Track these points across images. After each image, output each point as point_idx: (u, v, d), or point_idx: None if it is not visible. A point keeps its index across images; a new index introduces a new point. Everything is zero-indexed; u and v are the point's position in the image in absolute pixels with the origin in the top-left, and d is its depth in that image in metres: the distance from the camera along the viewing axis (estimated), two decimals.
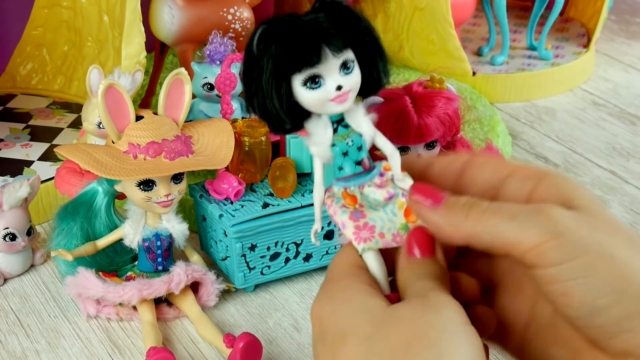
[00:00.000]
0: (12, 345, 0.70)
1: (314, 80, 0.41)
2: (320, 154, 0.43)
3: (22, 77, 1.03)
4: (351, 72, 0.42)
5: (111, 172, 0.65)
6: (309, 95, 0.41)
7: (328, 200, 0.44)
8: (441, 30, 1.07)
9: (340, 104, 0.42)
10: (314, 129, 0.43)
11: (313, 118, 0.43)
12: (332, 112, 0.42)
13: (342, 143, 0.43)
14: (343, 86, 0.41)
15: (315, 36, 0.40)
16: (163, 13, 0.93)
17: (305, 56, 0.40)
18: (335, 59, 0.41)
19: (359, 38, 0.42)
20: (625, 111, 1.10)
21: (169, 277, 0.70)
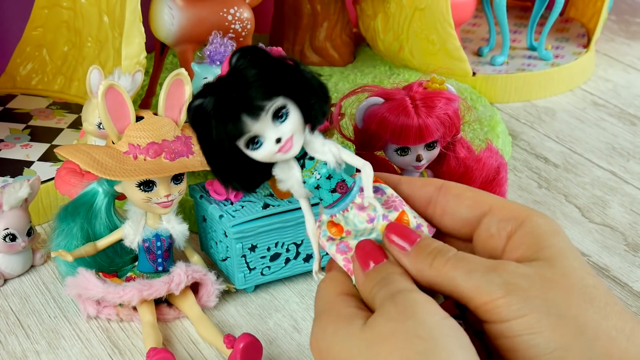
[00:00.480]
0: (12, 346, 0.70)
1: (254, 141, 0.41)
2: (298, 193, 0.44)
3: (22, 78, 1.03)
4: (286, 119, 0.42)
5: (111, 173, 0.65)
6: (256, 155, 0.42)
7: (317, 230, 0.44)
8: (441, 31, 1.07)
9: (287, 152, 0.42)
10: (280, 174, 0.43)
11: (278, 164, 0.43)
12: (284, 160, 0.43)
13: (310, 178, 0.43)
14: (282, 137, 0.41)
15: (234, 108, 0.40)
16: (163, 13, 0.93)
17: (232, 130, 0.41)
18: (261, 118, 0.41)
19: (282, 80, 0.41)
20: (625, 111, 1.10)
21: (169, 278, 0.70)
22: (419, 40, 1.10)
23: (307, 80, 0.42)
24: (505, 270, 0.38)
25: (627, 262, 0.81)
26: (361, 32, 1.20)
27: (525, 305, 0.37)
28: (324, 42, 1.15)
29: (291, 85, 0.42)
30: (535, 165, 0.97)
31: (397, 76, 1.11)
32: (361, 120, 0.73)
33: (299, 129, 0.42)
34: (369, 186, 0.43)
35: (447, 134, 0.72)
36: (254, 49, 0.42)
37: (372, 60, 1.17)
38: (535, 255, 0.39)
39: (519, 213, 0.41)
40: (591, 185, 0.93)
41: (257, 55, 0.41)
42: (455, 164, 0.74)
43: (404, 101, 0.70)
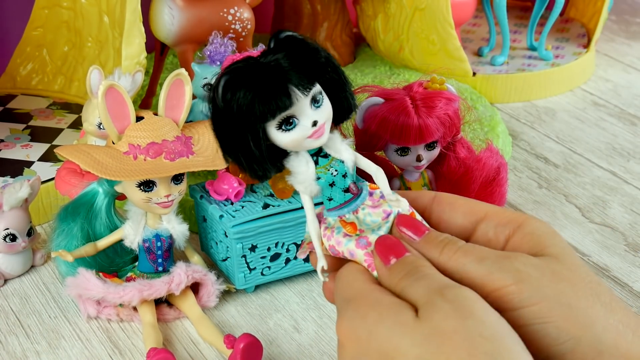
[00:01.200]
0: (12, 346, 0.70)
1: (288, 122, 0.41)
2: (307, 190, 0.43)
3: (22, 78, 1.03)
4: (321, 105, 0.42)
5: (111, 173, 0.65)
6: (287, 137, 0.41)
7: (327, 232, 0.43)
8: (441, 31, 1.07)
9: (318, 138, 0.42)
10: (296, 167, 0.43)
11: (292, 156, 0.43)
12: (312, 148, 0.42)
13: (326, 174, 0.43)
14: (318, 121, 0.41)
15: (281, 80, 0.40)
16: (163, 14, 0.93)
17: (277, 102, 0.40)
18: (304, 97, 0.41)
19: (321, 70, 0.42)
20: (625, 111, 1.10)
21: (169, 278, 0.70)
22: (419, 41, 1.10)
23: (341, 75, 0.43)
24: (517, 259, 0.38)
25: (627, 262, 0.81)
26: (361, 32, 1.20)
27: (536, 294, 0.37)
28: (324, 42, 1.15)
29: (328, 75, 0.42)
30: (536, 166, 0.97)
31: (397, 76, 1.11)
32: (361, 121, 0.73)
33: (330, 119, 0.42)
34: (386, 187, 0.44)
35: (448, 134, 0.72)
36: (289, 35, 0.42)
37: (372, 61, 1.17)
38: (540, 252, 0.40)
39: (516, 218, 0.42)
40: (591, 186, 0.93)
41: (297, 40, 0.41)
42: (455, 164, 0.74)
43: (404, 101, 0.70)
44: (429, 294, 0.38)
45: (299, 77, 0.40)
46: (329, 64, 0.42)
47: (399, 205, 0.43)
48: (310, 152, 0.43)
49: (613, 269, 0.80)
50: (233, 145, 0.41)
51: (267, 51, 0.41)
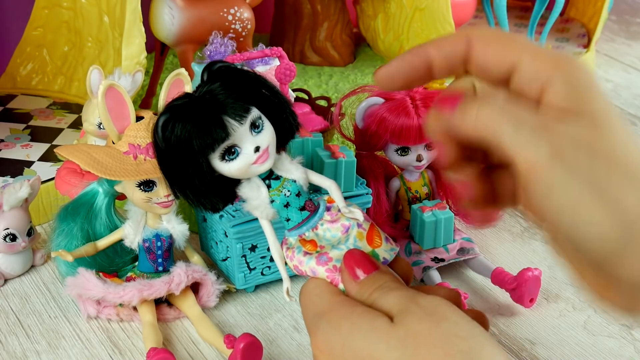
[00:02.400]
0: (12, 346, 0.70)
1: (230, 152, 0.41)
2: (264, 214, 0.44)
3: (22, 78, 1.03)
4: (262, 129, 0.42)
5: (111, 173, 0.65)
6: (232, 167, 0.42)
7: (289, 253, 0.44)
8: (441, 31, 1.07)
9: (263, 163, 0.42)
10: (248, 193, 0.43)
11: (244, 183, 0.43)
12: (258, 173, 0.43)
13: (279, 196, 0.43)
14: (260, 146, 0.42)
15: (215, 112, 0.40)
16: (163, 14, 0.93)
17: (212, 136, 0.40)
18: (241, 125, 0.41)
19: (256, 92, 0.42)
20: (625, 111, 1.10)
21: (169, 278, 0.70)
22: (419, 40, 1.10)
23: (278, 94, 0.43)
24: (555, 131, 0.36)
25: None
26: (361, 32, 1.20)
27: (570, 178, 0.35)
28: (324, 42, 1.15)
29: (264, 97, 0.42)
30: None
31: None
32: (361, 120, 0.73)
33: (273, 142, 0.43)
34: (341, 201, 0.44)
35: None
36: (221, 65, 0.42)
37: (373, 60, 1.17)
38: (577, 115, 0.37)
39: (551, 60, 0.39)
40: None
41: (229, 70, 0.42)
42: None
43: (404, 101, 0.70)
44: (403, 302, 0.38)
45: (233, 107, 0.41)
46: (262, 85, 0.42)
47: (354, 216, 0.43)
48: (261, 176, 0.43)
49: None
50: (178, 182, 0.42)
51: (201, 84, 0.42)
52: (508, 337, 0.71)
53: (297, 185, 0.44)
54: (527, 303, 0.72)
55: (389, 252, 0.43)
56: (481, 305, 0.74)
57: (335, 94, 1.06)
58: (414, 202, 0.77)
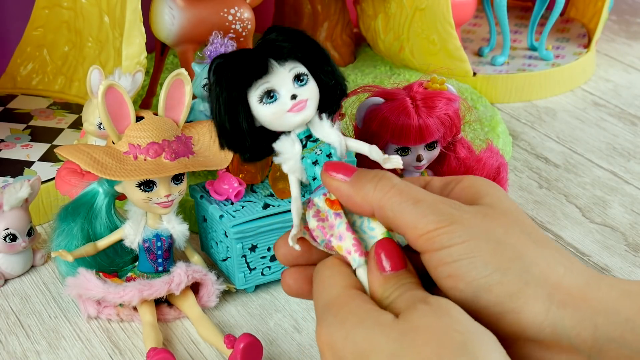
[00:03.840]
0: (12, 346, 0.70)
1: (269, 95, 0.42)
2: (292, 169, 0.44)
3: (22, 78, 1.03)
4: (305, 84, 0.43)
5: (111, 173, 0.65)
6: (267, 110, 0.43)
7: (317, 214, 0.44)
8: (442, 31, 1.07)
9: (298, 112, 0.43)
10: (283, 147, 0.44)
11: (281, 138, 0.44)
12: (294, 123, 0.43)
13: (310, 153, 0.44)
14: (298, 95, 0.43)
15: (260, 51, 0.43)
16: (163, 14, 0.93)
17: (252, 69, 0.42)
18: (284, 70, 0.43)
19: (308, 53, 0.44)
20: (625, 111, 1.10)
21: (169, 278, 0.70)
22: (419, 41, 1.10)
23: (333, 66, 0.44)
24: (451, 204, 0.39)
25: (627, 262, 0.81)
26: (362, 32, 1.20)
27: (466, 233, 0.38)
28: (325, 42, 1.15)
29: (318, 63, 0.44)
30: (536, 166, 0.97)
31: (397, 76, 1.11)
32: (361, 120, 0.73)
33: (315, 98, 0.44)
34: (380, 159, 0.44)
35: (448, 134, 0.72)
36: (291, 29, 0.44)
37: (373, 61, 1.17)
38: (476, 202, 0.41)
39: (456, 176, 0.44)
40: (592, 186, 0.93)
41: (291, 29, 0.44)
42: (455, 164, 0.74)
43: (404, 101, 0.70)
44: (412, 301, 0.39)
45: (279, 51, 0.43)
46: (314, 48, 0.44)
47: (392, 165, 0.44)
48: (300, 136, 0.44)
49: (613, 269, 0.79)
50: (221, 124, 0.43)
51: None
52: None
53: (330, 147, 0.44)
54: None
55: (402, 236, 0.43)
56: None
57: None
58: None
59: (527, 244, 0.38)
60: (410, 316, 0.38)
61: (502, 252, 0.38)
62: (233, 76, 0.42)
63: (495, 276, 0.37)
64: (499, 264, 0.38)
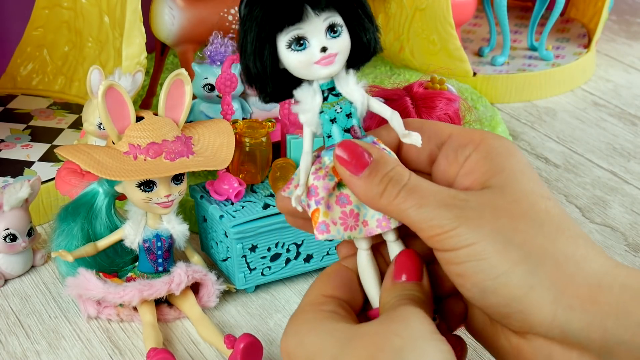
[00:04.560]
0: (12, 346, 0.70)
1: (299, 42, 0.41)
2: (308, 121, 0.43)
3: (22, 78, 1.03)
4: (338, 36, 0.41)
5: (111, 173, 0.65)
6: (294, 58, 0.41)
7: (319, 172, 0.43)
8: (442, 31, 1.07)
9: (326, 66, 0.42)
10: (303, 96, 0.42)
11: (303, 86, 0.42)
12: (319, 76, 0.42)
13: (330, 110, 0.43)
14: (328, 48, 0.41)
15: None
16: (164, 14, 0.93)
17: (286, 14, 0.40)
18: (318, 19, 0.41)
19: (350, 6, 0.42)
20: (625, 111, 1.10)
21: (169, 278, 0.70)
22: (419, 41, 1.10)
23: (371, 21, 0.43)
24: (456, 205, 0.39)
25: (627, 262, 0.81)
26: None
27: (473, 235, 0.38)
28: None
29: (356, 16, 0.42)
30: (536, 166, 0.97)
31: (397, 76, 1.11)
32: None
33: (345, 53, 0.42)
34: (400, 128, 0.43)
35: None
36: None
37: (373, 61, 1.17)
38: (488, 181, 0.40)
39: (475, 137, 0.42)
40: (592, 186, 0.93)
41: None
42: None
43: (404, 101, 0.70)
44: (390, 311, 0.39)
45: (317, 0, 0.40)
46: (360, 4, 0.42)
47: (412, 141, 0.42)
48: (323, 87, 0.42)
49: None
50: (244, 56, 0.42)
51: None
52: None
53: (352, 106, 0.43)
54: None
55: None
56: None
57: None
58: None
59: (536, 242, 0.38)
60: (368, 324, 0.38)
61: (509, 253, 0.37)
62: (266, 16, 0.40)
63: (502, 279, 0.37)
64: (505, 267, 0.37)
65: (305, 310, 0.41)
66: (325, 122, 0.43)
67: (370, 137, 0.43)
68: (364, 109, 0.43)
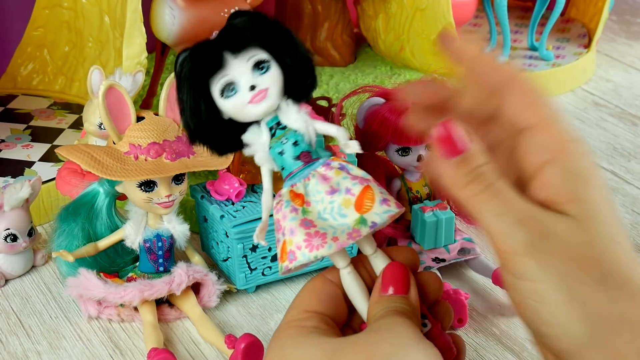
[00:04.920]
0: (13, 347, 0.70)
1: (230, 88, 0.42)
2: (261, 160, 0.44)
3: (23, 78, 1.03)
4: (266, 72, 0.42)
5: (112, 173, 0.65)
6: (228, 104, 0.42)
7: (277, 205, 0.44)
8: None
9: (259, 103, 0.42)
10: (251, 138, 0.43)
11: (250, 129, 0.43)
12: (256, 114, 0.43)
13: (276, 143, 0.43)
14: (257, 85, 0.42)
15: (216, 44, 0.42)
16: (164, 14, 0.93)
17: (208, 64, 0.41)
18: (240, 61, 0.42)
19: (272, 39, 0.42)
20: (626, 111, 1.10)
21: (170, 278, 0.70)
22: (420, 40, 1.10)
23: (297, 48, 0.43)
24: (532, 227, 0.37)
25: None
26: (362, 32, 1.20)
27: (539, 271, 0.36)
28: (325, 42, 1.15)
29: (280, 46, 0.43)
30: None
31: (398, 76, 1.11)
32: (362, 121, 0.73)
33: (277, 85, 0.42)
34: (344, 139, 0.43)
35: None
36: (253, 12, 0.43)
37: (373, 61, 1.17)
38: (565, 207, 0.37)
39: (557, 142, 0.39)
40: None
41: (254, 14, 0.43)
42: None
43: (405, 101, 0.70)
44: None
45: (235, 41, 0.42)
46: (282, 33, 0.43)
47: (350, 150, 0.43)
48: (269, 124, 0.43)
49: None
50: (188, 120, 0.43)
51: None
52: (509, 338, 0.70)
53: (297, 134, 0.43)
54: None
55: (382, 214, 0.42)
56: (482, 306, 0.74)
57: (336, 94, 1.06)
58: (415, 203, 0.77)
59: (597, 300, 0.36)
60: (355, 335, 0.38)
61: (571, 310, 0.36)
62: (192, 72, 0.41)
63: (557, 332, 0.36)
64: (563, 323, 0.36)
65: (288, 326, 0.41)
66: (276, 156, 0.44)
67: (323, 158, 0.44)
68: (311, 135, 0.44)
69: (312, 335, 0.40)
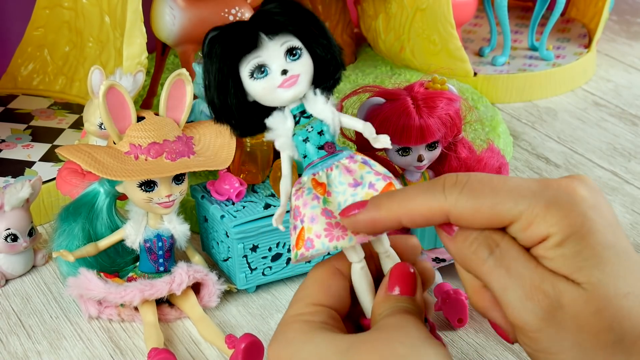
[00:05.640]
0: (13, 347, 0.70)
1: (260, 70, 0.42)
2: (283, 146, 0.44)
3: (23, 78, 1.03)
4: (298, 58, 0.42)
5: (112, 173, 0.65)
6: (257, 85, 0.42)
7: (298, 192, 0.43)
8: (442, 31, 1.07)
9: (289, 88, 0.42)
10: (275, 123, 0.43)
11: (275, 114, 0.43)
12: (285, 99, 0.43)
13: (301, 130, 0.43)
14: (289, 70, 0.42)
15: (253, 24, 0.42)
16: (164, 14, 0.93)
17: (242, 43, 0.41)
18: (275, 44, 0.42)
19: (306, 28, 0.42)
20: (626, 111, 1.10)
21: (170, 278, 0.70)
22: (420, 41, 1.10)
23: (329, 39, 0.43)
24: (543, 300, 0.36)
25: None
26: (362, 32, 1.20)
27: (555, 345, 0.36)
28: None
29: (313, 36, 0.43)
30: (537, 166, 0.97)
31: (398, 76, 1.11)
32: None
33: (308, 73, 0.43)
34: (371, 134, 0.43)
35: (449, 134, 0.72)
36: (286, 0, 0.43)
37: (374, 61, 1.17)
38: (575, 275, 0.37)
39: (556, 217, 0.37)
40: None
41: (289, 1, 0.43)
42: (456, 164, 0.74)
43: (405, 101, 0.70)
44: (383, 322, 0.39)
45: (271, 25, 0.42)
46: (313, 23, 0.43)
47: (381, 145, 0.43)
48: (293, 111, 0.43)
49: None
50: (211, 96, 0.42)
51: None
52: None
53: (322, 124, 0.43)
54: None
55: None
56: None
57: (336, 94, 1.06)
58: None
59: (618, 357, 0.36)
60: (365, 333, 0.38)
61: None
62: (224, 50, 0.41)
63: None
64: None
65: (295, 320, 0.41)
66: (299, 143, 0.44)
67: (346, 151, 0.44)
68: (336, 127, 0.44)
69: (322, 331, 0.39)
